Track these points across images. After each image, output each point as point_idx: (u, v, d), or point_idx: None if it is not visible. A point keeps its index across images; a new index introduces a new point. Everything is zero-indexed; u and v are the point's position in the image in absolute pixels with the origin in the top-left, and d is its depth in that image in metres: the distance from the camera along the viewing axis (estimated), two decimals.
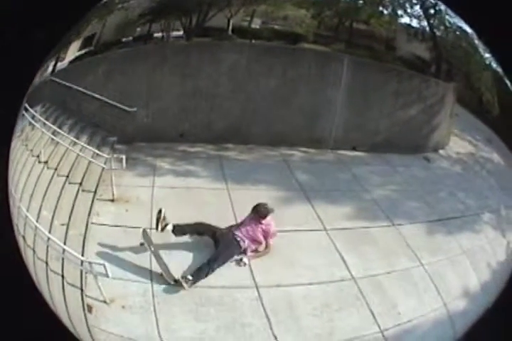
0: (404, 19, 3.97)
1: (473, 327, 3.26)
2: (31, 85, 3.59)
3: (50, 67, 3.72)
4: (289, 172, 4.09)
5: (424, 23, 3.90)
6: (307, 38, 4.07)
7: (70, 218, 3.41)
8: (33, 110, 3.59)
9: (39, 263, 3.26)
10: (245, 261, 3.41)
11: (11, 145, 3.51)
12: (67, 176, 3.65)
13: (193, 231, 3.46)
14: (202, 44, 4.15)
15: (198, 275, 3.21)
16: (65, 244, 3.24)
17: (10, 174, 3.43)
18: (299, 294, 3.20)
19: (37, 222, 3.27)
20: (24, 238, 3.32)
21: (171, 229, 3.40)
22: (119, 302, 3.07)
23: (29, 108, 3.55)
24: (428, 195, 4.01)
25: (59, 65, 3.76)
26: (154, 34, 4.00)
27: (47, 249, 3.26)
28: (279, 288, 3.22)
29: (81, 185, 3.63)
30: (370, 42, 4.08)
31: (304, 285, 3.26)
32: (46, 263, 3.24)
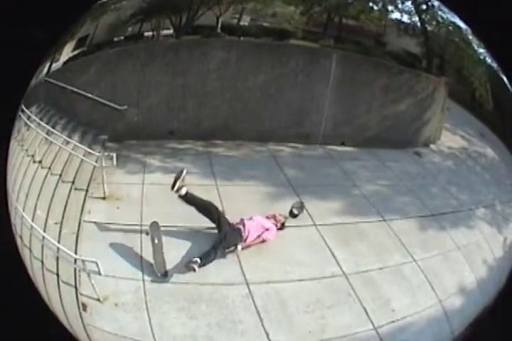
0: (395, 14, 3.97)
1: (473, 327, 3.21)
2: (28, 87, 3.62)
3: (46, 68, 3.75)
4: (278, 168, 4.08)
5: (416, 19, 3.89)
6: (296, 34, 4.07)
7: (64, 217, 3.43)
8: (28, 111, 3.62)
9: (35, 262, 3.26)
10: (239, 248, 3.45)
11: (9, 146, 3.55)
12: (60, 175, 3.68)
13: (201, 207, 3.49)
14: (191, 42, 4.16)
15: (206, 258, 3.27)
16: (59, 242, 3.25)
17: (8, 175, 3.46)
18: (289, 291, 3.18)
19: (32, 222, 3.28)
20: (21, 238, 3.33)
21: (183, 193, 3.46)
22: (112, 299, 3.07)
23: (25, 109, 3.58)
24: (419, 190, 3.98)
25: (54, 66, 3.80)
26: (145, 33, 4.04)
27: (42, 248, 3.27)
28: (270, 284, 3.21)
29: (73, 183, 3.65)
30: (359, 37, 4.08)
31: (295, 281, 3.24)
32: (42, 262, 3.24)
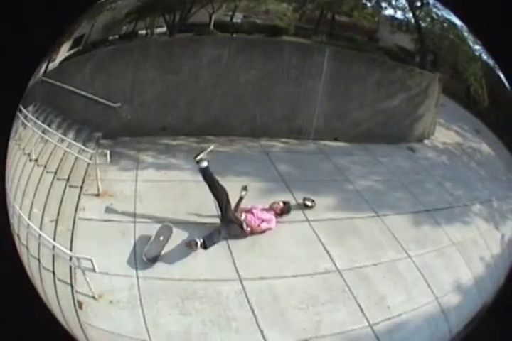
0: (389, 11, 3.97)
1: (472, 326, 3.18)
2: (27, 87, 3.65)
3: (43, 68, 3.79)
4: (270, 163, 4.08)
5: (410, 15, 3.89)
6: (288, 30, 4.08)
7: (59, 214, 3.44)
8: (25, 110, 3.65)
9: (32, 260, 3.27)
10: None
11: (8, 145, 3.57)
12: (56, 173, 3.69)
13: (215, 186, 3.53)
14: (184, 39, 4.19)
15: (210, 239, 3.32)
16: (54, 240, 3.26)
17: (6, 174, 3.49)
18: (283, 287, 3.17)
19: (29, 220, 3.30)
20: (19, 236, 3.35)
21: (203, 166, 3.52)
22: (107, 297, 3.08)
23: (23, 109, 3.61)
24: (413, 185, 3.96)
25: (50, 65, 3.83)
26: (139, 31, 4.07)
27: (39, 246, 3.29)
28: (263, 280, 3.20)
29: (68, 181, 3.67)
30: (352, 33, 4.08)
31: (288, 277, 3.22)
32: (39, 261, 3.26)
